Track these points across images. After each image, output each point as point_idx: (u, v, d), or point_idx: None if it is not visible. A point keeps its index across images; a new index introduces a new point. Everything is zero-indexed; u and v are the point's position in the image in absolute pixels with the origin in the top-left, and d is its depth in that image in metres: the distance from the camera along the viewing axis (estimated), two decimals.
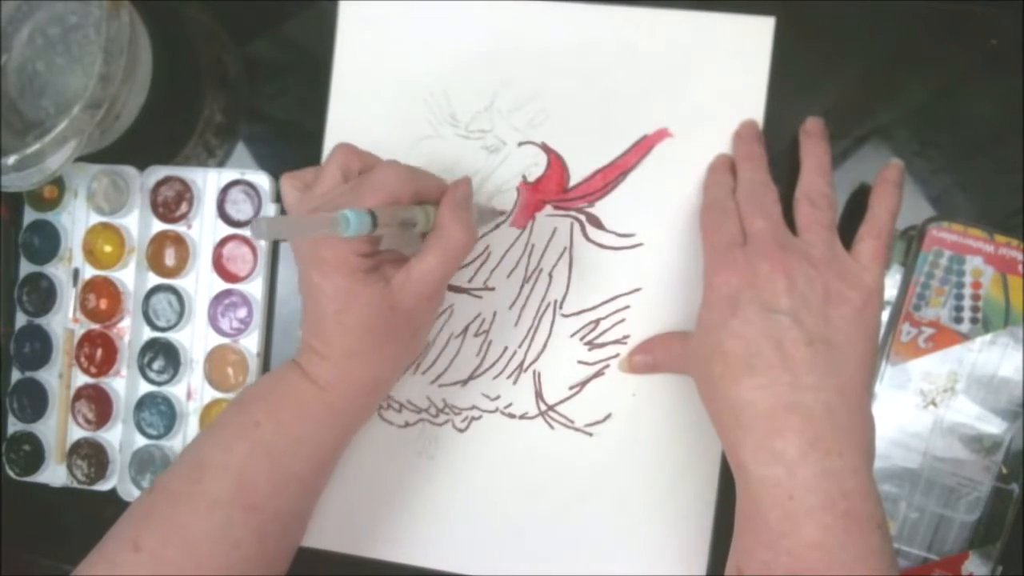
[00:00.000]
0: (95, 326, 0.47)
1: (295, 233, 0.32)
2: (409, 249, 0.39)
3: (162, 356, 0.47)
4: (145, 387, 0.47)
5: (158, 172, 0.47)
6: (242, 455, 0.36)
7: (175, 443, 0.47)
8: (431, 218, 0.37)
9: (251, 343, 0.46)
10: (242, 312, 0.46)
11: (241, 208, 0.46)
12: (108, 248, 0.47)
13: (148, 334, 0.47)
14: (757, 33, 0.42)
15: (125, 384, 0.47)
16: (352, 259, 0.35)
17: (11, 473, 0.48)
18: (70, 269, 0.48)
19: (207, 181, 0.46)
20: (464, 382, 0.44)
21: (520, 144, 0.44)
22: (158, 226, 0.47)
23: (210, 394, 0.46)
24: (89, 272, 0.47)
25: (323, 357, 0.37)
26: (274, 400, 0.38)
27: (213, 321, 0.46)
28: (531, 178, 0.44)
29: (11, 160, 0.39)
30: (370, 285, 0.35)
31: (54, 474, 0.48)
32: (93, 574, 0.36)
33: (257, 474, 0.36)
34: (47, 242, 0.48)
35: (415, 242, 0.39)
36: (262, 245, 0.46)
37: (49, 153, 0.39)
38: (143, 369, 0.47)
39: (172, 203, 0.46)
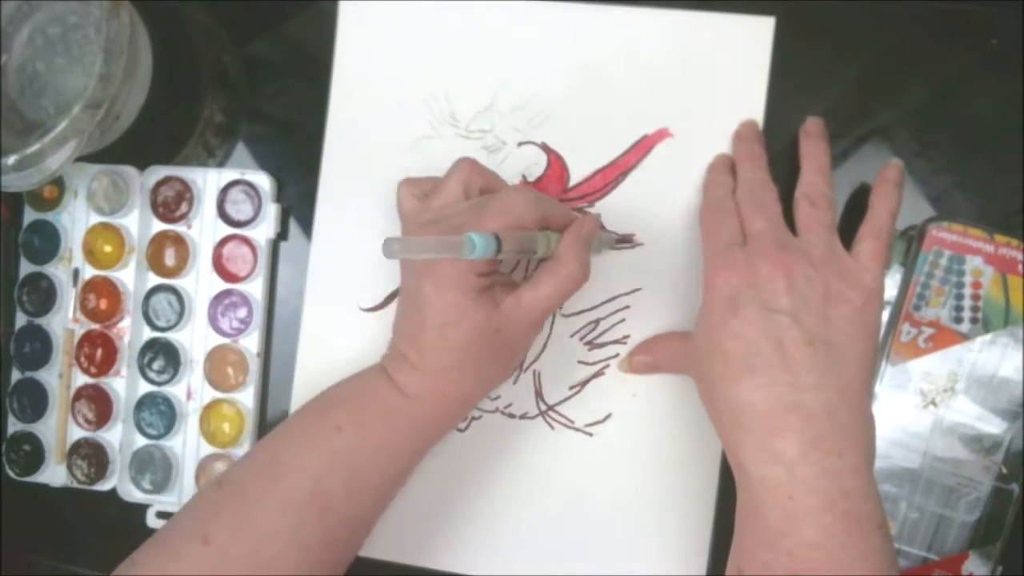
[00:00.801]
0: (95, 326, 0.47)
1: (424, 254, 0.32)
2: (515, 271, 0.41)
3: (162, 356, 0.47)
4: (145, 387, 0.47)
5: (158, 172, 0.47)
6: (321, 459, 0.36)
7: (175, 443, 0.47)
8: (551, 245, 0.37)
9: (251, 343, 0.46)
10: (242, 312, 0.46)
11: (241, 208, 0.46)
12: (108, 248, 0.47)
13: (148, 334, 0.47)
14: (757, 33, 0.42)
15: (125, 384, 0.47)
16: (469, 277, 0.35)
17: (11, 473, 0.48)
18: (70, 269, 0.48)
19: (207, 181, 0.46)
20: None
21: (520, 144, 0.44)
22: (158, 226, 0.47)
23: (210, 394, 0.46)
24: (89, 272, 0.47)
25: (415, 367, 0.37)
26: (358, 405, 0.38)
27: (213, 321, 0.46)
28: (531, 178, 0.44)
29: (11, 160, 0.39)
30: (481, 305, 0.35)
31: (54, 474, 0.48)
32: (157, 562, 0.35)
33: (334, 479, 0.36)
34: (47, 242, 0.48)
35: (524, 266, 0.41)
36: (261, 245, 0.46)
37: (49, 153, 0.39)
38: (143, 369, 0.47)
39: (172, 203, 0.46)
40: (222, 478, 0.38)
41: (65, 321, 0.48)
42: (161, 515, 0.46)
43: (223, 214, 0.46)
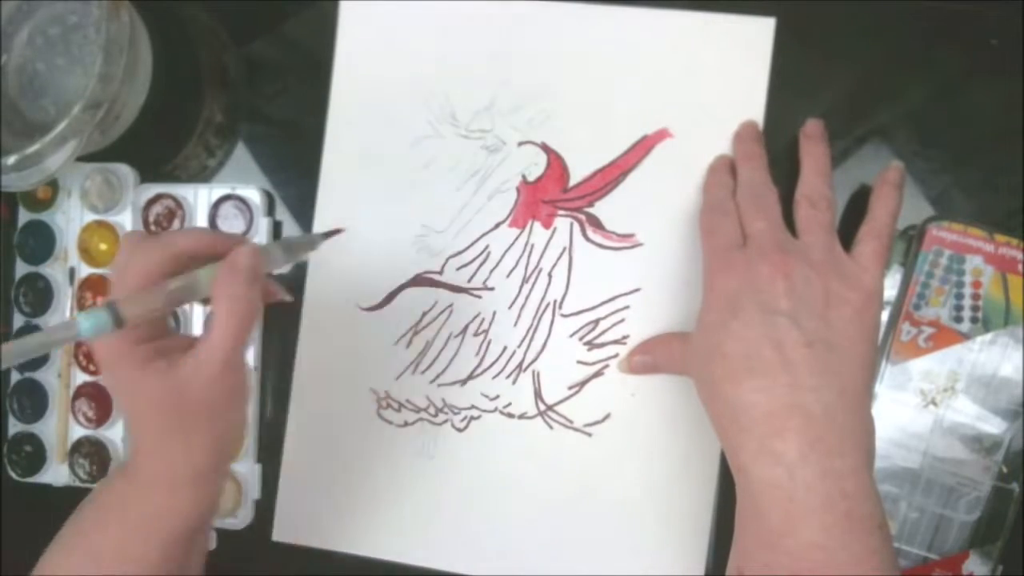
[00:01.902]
0: None
1: (32, 352, 0.29)
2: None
3: None
4: None
5: (149, 190, 0.47)
6: (76, 564, 0.35)
7: None
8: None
9: (248, 357, 0.46)
10: None
11: (233, 223, 0.46)
12: (103, 246, 0.47)
13: None
14: (757, 34, 0.42)
15: None
16: (125, 349, 0.32)
17: (13, 475, 0.48)
18: (66, 268, 0.48)
19: (198, 197, 0.46)
20: (463, 382, 0.44)
21: (520, 144, 0.44)
22: None
23: None
24: (85, 271, 0.47)
25: (136, 453, 0.35)
26: (100, 507, 0.36)
27: None
28: (531, 178, 0.44)
29: (11, 160, 0.39)
30: (151, 375, 0.32)
31: (56, 474, 0.48)
32: None
33: None
34: (42, 242, 0.48)
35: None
36: None
37: (49, 153, 0.39)
38: None
39: (164, 220, 0.46)
40: None
41: (63, 320, 0.48)
42: None
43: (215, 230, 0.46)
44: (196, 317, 0.47)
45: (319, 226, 0.45)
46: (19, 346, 0.28)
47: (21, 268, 0.48)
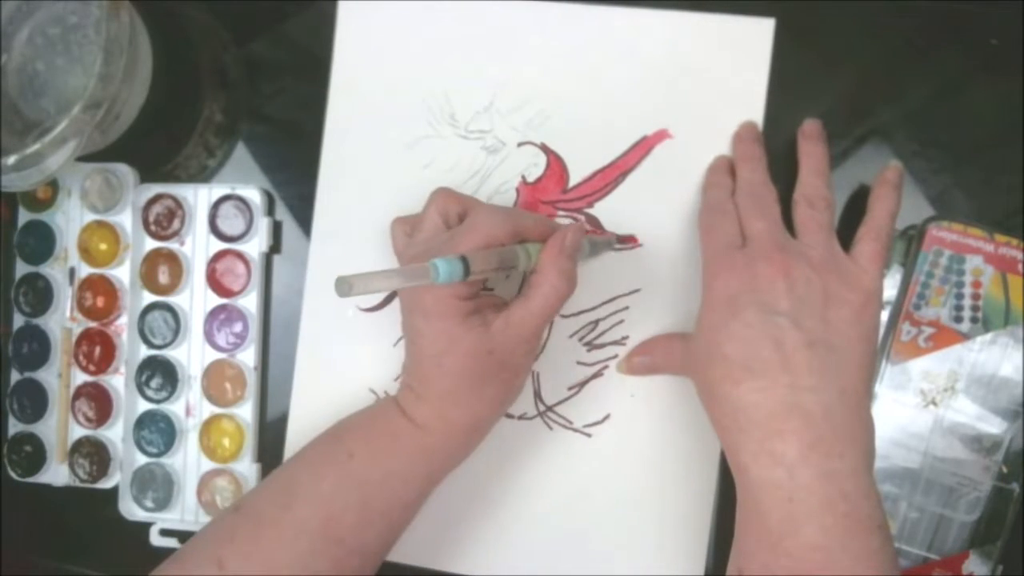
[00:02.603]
0: (93, 324, 0.47)
1: (384, 287, 0.32)
2: (510, 291, 0.41)
3: (160, 374, 0.46)
4: (144, 405, 0.47)
5: (149, 190, 0.47)
6: (333, 485, 0.37)
7: (176, 460, 0.46)
8: (532, 258, 0.36)
9: (248, 357, 0.46)
10: (238, 326, 0.46)
11: (233, 223, 0.46)
12: (103, 246, 0.47)
13: (145, 352, 0.47)
14: (757, 35, 0.42)
15: (124, 381, 0.47)
16: (453, 303, 0.35)
17: (13, 475, 0.48)
18: (66, 268, 0.48)
19: (198, 197, 0.46)
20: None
21: (520, 144, 0.44)
22: (151, 244, 0.47)
23: (209, 410, 0.46)
24: (85, 270, 0.47)
25: (420, 397, 0.37)
26: (369, 433, 0.38)
27: (209, 336, 0.46)
28: (530, 179, 0.44)
29: (11, 160, 0.39)
30: (470, 329, 0.35)
31: (56, 474, 0.48)
32: None
33: (346, 506, 0.36)
34: (42, 242, 0.48)
35: (518, 282, 0.40)
36: (255, 259, 0.46)
37: (49, 153, 0.39)
38: (141, 388, 0.46)
39: (164, 220, 0.46)
40: (239, 503, 0.38)
41: (63, 320, 0.48)
42: (165, 532, 0.46)
43: (215, 230, 0.46)
44: (196, 318, 0.47)
45: (318, 225, 0.45)
46: (357, 280, 0.29)
47: (21, 268, 0.48)
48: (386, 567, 0.44)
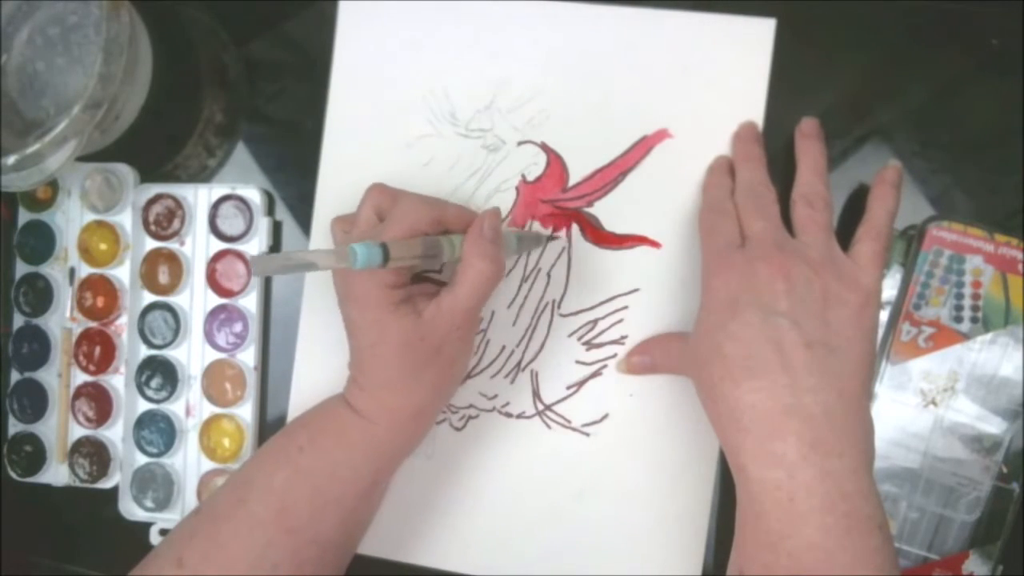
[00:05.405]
0: (93, 324, 0.47)
1: (301, 268, 0.32)
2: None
3: (160, 374, 0.46)
4: (144, 405, 0.47)
5: (149, 190, 0.47)
6: (284, 478, 0.37)
7: (176, 460, 0.46)
8: (456, 248, 0.37)
9: (248, 357, 0.46)
10: (238, 326, 0.46)
11: (233, 223, 0.46)
12: (103, 246, 0.47)
13: (145, 352, 0.47)
14: (758, 35, 0.42)
15: (124, 381, 0.47)
16: (382, 292, 0.36)
17: (13, 475, 0.48)
18: (66, 268, 0.48)
19: (198, 197, 0.46)
20: (461, 381, 0.44)
21: (520, 143, 0.44)
22: (151, 244, 0.47)
23: (209, 409, 0.46)
24: (85, 270, 0.48)
25: (362, 388, 0.38)
26: (317, 427, 0.39)
27: (209, 336, 0.46)
28: (530, 177, 0.44)
29: (11, 160, 0.39)
30: (401, 317, 0.36)
31: (56, 474, 0.48)
32: None
33: (298, 497, 0.37)
34: (42, 242, 0.48)
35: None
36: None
37: (49, 153, 0.39)
38: (141, 388, 0.47)
39: (164, 220, 0.46)
40: (200, 505, 0.39)
41: (63, 320, 0.48)
42: (165, 533, 0.46)
43: (215, 230, 0.46)
44: (196, 318, 0.47)
45: (318, 225, 0.45)
46: (277, 259, 0.30)
47: (21, 268, 0.48)
48: (385, 565, 0.44)
